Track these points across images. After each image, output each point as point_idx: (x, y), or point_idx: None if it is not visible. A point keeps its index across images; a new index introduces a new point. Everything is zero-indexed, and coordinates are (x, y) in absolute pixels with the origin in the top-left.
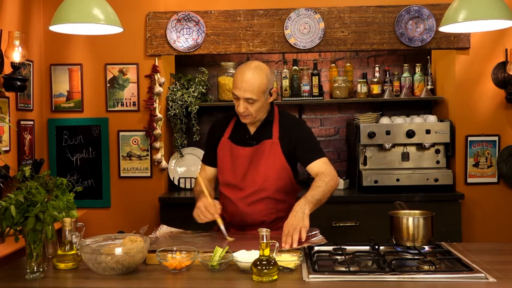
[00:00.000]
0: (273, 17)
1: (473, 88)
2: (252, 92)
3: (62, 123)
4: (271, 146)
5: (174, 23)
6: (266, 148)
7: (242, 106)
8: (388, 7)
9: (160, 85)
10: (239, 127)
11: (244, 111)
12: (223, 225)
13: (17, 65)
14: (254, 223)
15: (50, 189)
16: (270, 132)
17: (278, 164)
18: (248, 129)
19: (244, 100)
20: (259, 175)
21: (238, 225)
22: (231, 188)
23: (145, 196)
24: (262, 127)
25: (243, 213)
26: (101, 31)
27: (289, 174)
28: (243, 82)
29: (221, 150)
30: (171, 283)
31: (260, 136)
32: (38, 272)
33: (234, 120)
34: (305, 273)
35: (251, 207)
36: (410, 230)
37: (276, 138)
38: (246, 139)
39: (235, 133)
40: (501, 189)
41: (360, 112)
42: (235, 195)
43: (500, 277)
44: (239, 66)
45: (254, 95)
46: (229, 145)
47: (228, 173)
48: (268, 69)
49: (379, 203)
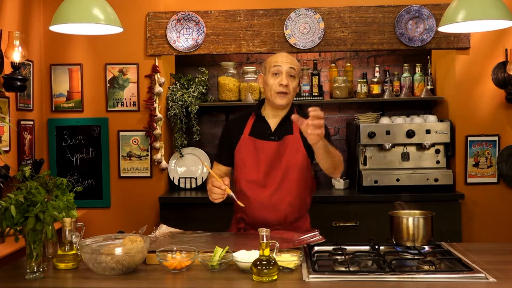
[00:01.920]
0: (273, 17)
1: (473, 88)
2: (294, 65)
3: (62, 123)
4: (294, 141)
5: (174, 23)
6: (289, 142)
7: (285, 79)
8: (388, 7)
9: (160, 85)
10: (258, 123)
11: (287, 84)
12: (233, 193)
13: (17, 65)
14: (277, 222)
15: (50, 189)
16: (291, 128)
17: (300, 158)
18: (269, 125)
19: (286, 73)
20: (281, 171)
21: (259, 224)
22: (253, 186)
23: (145, 196)
24: (282, 123)
25: (265, 211)
26: (101, 31)
27: (309, 169)
28: (284, 57)
29: (243, 147)
30: (171, 283)
31: (282, 132)
32: (38, 272)
33: (252, 118)
34: (305, 273)
35: (274, 205)
36: (410, 230)
37: (297, 133)
38: (267, 135)
39: (255, 130)
40: (501, 189)
41: (360, 112)
42: (257, 193)
43: (500, 277)
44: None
45: (296, 68)
46: (252, 141)
47: (250, 170)
48: None
49: (379, 203)
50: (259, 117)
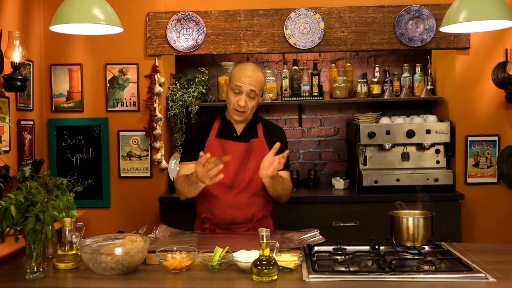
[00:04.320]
0: (273, 17)
1: (473, 88)
2: (256, 86)
3: (62, 123)
4: (259, 144)
5: (174, 23)
6: (255, 146)
7: (243, 100)
8: (388, 7)
9: (160, 85)
10: (224, 127)
11: (245, 105)
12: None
13: (17, 65)
14: (244, 221)
15: (50, 189)
16: (256, 132)
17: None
18: (235, 128)
19: (246, 94)
20: (249, 171)
21: (227, 223)
22: (221, 187)
23: (145, 196)
24: (248, 127)
25: (233, 210)
26: (101, 31)
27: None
28: (247, 77)
29: (210, 150)
30: (171, 283)
31: (248, 135)
32: (38, 272)
33: (217, 121)
34: (305, 273)
35: (241, 204)
36: (410, 230)
37: (262, 137)
38: (233, 138)
39: (221, 133)
40: (501, 189)
41: (360, 112)
42: (225, 193)
43: (500, 277)
44: (237, 65)
45: (257, 89)
46: (219, 142)
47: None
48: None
49: (379, 203)
50: (224, 120)
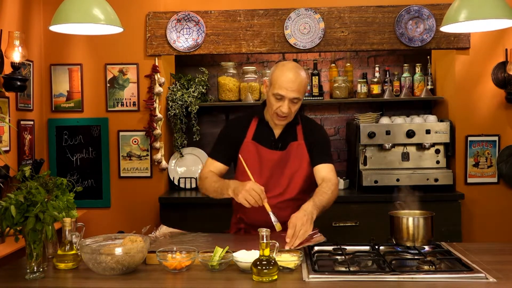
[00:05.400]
0: (273, 17)
1: (473, 88)
2: (299, 92)
3: (62, 123)
4: (298, 148)
5: (174, 23)
6: (292, 150)
7: (286, 107)
8: (388, 7)
9: (160, 85)
10: (262, 128)
11: (288, 112)
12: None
13: (17, 65)
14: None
15: (50, 189)
16: (295, 134)
17: (305, 165)
18: (273, 131)
19: (289, 100)
20: (285, 177)
21: (260, 226)
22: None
23: (145, 196)
24: (286, 129)
25: (266, 214)
26: (101, 31)
27: (312, 175)
28: (290, 82)
29: (246, 152)
30: (171, 283)
31: (286, 139)
32: (38, 272)
33: (255, 121)
34: (305, 273)
35: (276, 209)
36: (410, 230)
37: (301, 140)
38: (271, 141)
39: (259, 135)
40: (501, 189)
41: (360, 112)
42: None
43: (500, 277)
44: (276, 66)
45: (301, 94)
46: (255, 147)
47: (252, 175)
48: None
49: (379, 203)
50: (262, 121)
